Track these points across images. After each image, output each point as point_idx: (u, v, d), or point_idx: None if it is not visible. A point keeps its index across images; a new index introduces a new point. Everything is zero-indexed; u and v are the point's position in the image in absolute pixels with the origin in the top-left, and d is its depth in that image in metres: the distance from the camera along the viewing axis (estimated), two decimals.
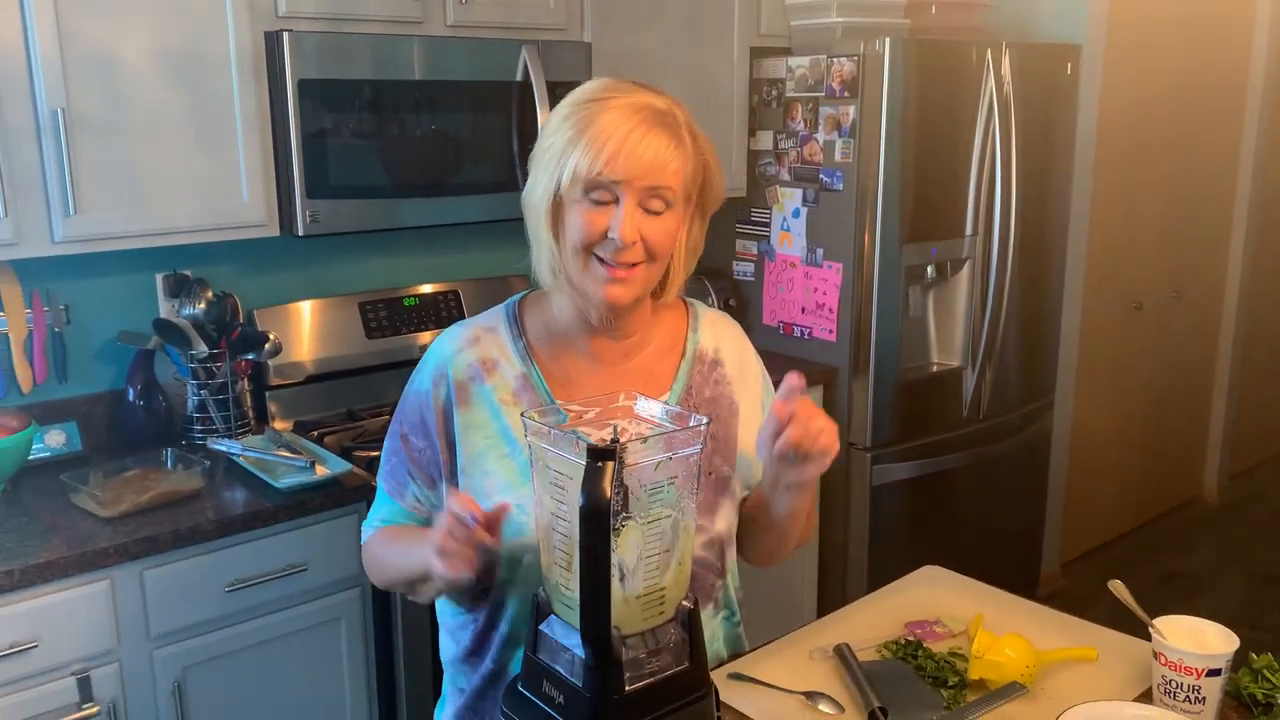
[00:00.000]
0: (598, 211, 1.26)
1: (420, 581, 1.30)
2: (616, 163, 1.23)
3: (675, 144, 1.27)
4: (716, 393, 1.43)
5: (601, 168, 1.24)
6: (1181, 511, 4.71)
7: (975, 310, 3.24)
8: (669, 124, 1.28)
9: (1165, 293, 4.32)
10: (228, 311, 2.45)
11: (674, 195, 1.28)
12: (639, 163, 1.24)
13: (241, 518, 2.03)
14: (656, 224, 1.28)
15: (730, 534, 1.42)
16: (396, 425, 1.42)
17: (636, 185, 1.25)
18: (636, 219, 1.26)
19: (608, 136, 1.24)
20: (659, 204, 1.27)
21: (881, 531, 3.17)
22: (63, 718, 1.88)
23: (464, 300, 2.86)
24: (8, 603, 1.81)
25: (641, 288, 1.31)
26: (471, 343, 1.39)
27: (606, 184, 1.25)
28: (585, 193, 1.26)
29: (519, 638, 1.33)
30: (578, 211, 1.27)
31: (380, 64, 2.34)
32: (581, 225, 1.27)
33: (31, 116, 1.99)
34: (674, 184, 1.27)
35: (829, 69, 2.99)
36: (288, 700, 2.17)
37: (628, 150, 1.24)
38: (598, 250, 1.28)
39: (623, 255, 1.26)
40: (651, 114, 1.27)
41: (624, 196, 1.25)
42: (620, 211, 1.25)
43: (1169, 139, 4.13)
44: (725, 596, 1.45)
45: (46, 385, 2.37)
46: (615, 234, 1.25)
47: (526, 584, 1.31)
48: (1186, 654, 1.28)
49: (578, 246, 1.28)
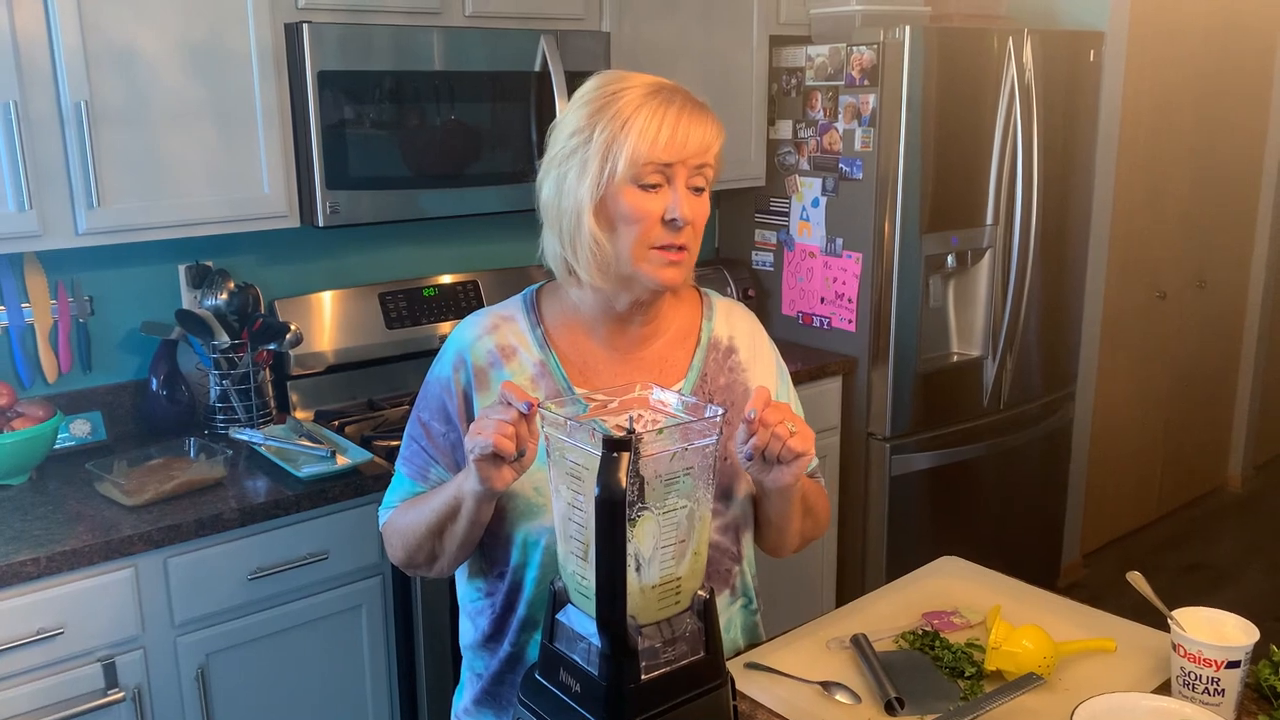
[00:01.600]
0: (651, 196, 1.29)
1: (449, 520, 1.32)
2: (673, 145, 1.26)
3: (716, 125, 1.31)
4: (731, 380, 1.45)
5: (663, 149, 1.26)
6: (1204, 502, 4.68)
7: (996, 300, 3.22)
8: (706, 108, 1.32)
9: (1189, 282, 4.29)
10: (249, 302, 2.47)
11: (713, 173, 1.33)
12: (691, 143, 1.28)
13: (263, 506, 2.05)
14: (700, 203, 1.32)
15: (746, 519, 1.43)
16: (417, 413, 1.44)
17: (689, 164, 1.29)
18: (690, 199, 1.30)
19: (662, 118, 1.27)
20: (702, 182, 1.32)
21: (901, 522, 3.16)
22: (88, 703, 1.91)
23: (483, 290, 2.87)
24: (34, 590, 1.83)
25: (689, 270, 1.35)
26: (490, 330, 1.41)
27: (659, 166, 1.27)
28: (635, 180, 1.28)
29: (536, 620, 1.36)
30: (629, 200, 1.28)
31: (399, 55, 2.35)
32: (639, 212, 1.28)
33: (55, 109, 2.01)
34: (713, 163, 1.32)
35: (848, 57, 2.97)
36: (309, 686, 2.20)
37: (681, 131, 1.27)
38: (654, 239, 1.29)
39: (680, 236, 1.30)
40: (683, 95, 1.31)
41: (675, 178, 1.28)
42: (675, 193, 1.29)
43: (1193, 127, 4.09)
44: (743, 583, 1.46)
45: (71, 375, 2.39)
46: (676, 214, 1.28)
47: (543, 566, 1.34)
48: (1205, 646, 1.28)
49: (636, 236, 1.29)
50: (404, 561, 1.44)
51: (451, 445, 1.40)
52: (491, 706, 1.44)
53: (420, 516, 1.37)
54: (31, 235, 2.03)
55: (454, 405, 1.39)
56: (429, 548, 1.38)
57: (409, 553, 1.41)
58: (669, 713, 1.08)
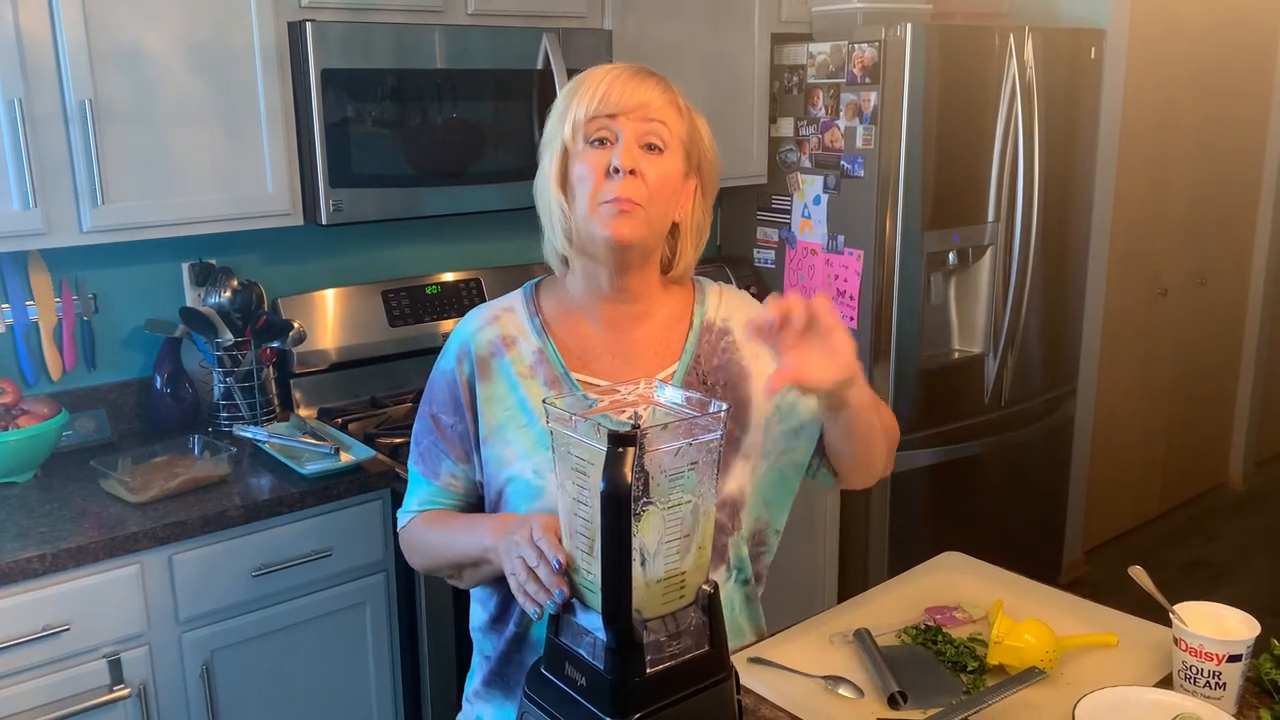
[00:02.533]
0: (600, 151, 1.34)
1: (470, 566, 1.36)
2: (610, 99, 1.33)
3: (663, 88, 1.36)
4: (724, 359, 1.47)
5: (597, 105, 1.33)
6: (1206, 499, 4.69)
7: (997, 296, 3.23)
8: (656, 75, 1.38)
9: (1190, 279, 4.29)
10: (253, 300, 2.48)
11: (668, 134, 1.35)
12: (631, 97, 1.33)
13: (267, 503, 2.06)
14: (655, 161, 1.34)
15: (743, 495, 1.44)
16: (425, 408, 1.47)
17: (633, 118, 1.33)
18: (635, 152, 1.33)
19: (599, 81, 1.35)
20: (656, 140, 1.34)
21: (903, 519, 3.16)
22: (94, 700, 1.92)
23: (485, 288, 2.88)
24: (40, 586, 1.84)
25: (642, 226, 1.35)
26: (491, 321, 1.45)
27: (604, 122, 1.33)
28: (587, 140, 1.34)
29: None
30: (582, 158, 1.35)
31: (402, 53, 2.35)
32: (589, 167, 1.34)
33: (60, 107, 2.02)
34: (667, 120, 1.35)
35: (850, 55, 2.98)
36: (314, 682, 2.21)
37: (619, 88, 1.34)
38: (603, 194, 1.33)
39: (624, 188, 1.32)
40: (638, 67, 1.38)
41: (622, 132, 1.33)
42: (620, 144, 1.33)
43: (1194, 124, 4.09)
44: (737, 556, 1.46)
45: (76, 373, 2.40)
46: (616, 161, 1.32)
47: None
48: (1207, 640, 1.28)
49: (589, 191, 1.34)
50: (423, 571, 1.50)
51: (460, 436, 1.43)
52: (500, 687, 1.47)
53: (445, 547, 1.41)
54: (36, 233, 2.03)
55: (461, 395, 1.42)
56: (448, 573, 1.43)
57: (429, 568, 1.47)
58: (674, 706, 1.08)
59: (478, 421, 1.41)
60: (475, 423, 1.42)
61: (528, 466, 1.36)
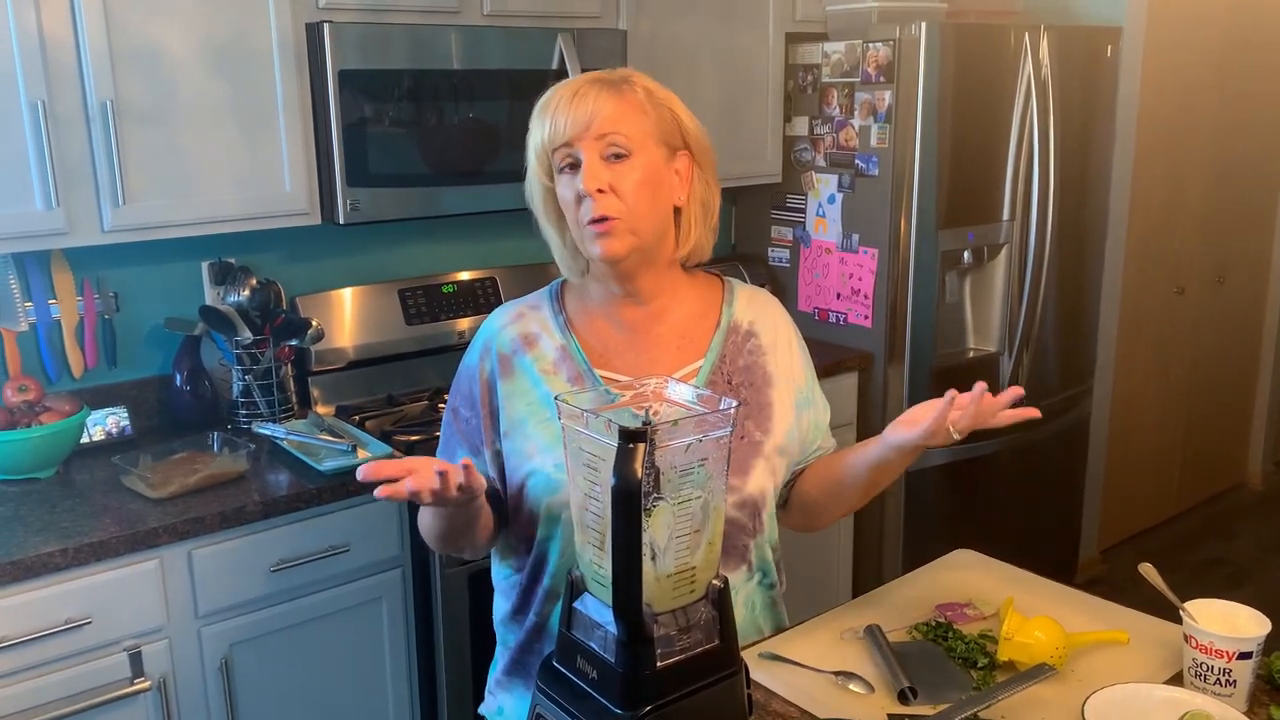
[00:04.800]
0: (572, 176, 1.36)
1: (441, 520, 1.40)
2: (560, 125, 1.35)
3: (614, 94, 1.36)
4: (750, 362, 1.49)
5: (551, 135, 1.35)
6: (1224, 498, 4.66)
7: (1012, 295, 3.22)
8: (609, 81, 1.38)
9: (1208, 278, 4.27)
10: (271, 298, 2.50)
11: (627, 140, 1.35)
12: (579, 117, 1.34)
13: (285, 500, 2.08)
14: (620, 169, 1.35)
15: (764, 497, 1.46)
16: (450, 399, 1.51)
17: (588, 139, 1.34)
18: (598, 170, 1.34)
19: (551, 108, 1.37)
20: (617, 149, 1.35)
21: (917, 518, 3.17)
22: (115, 692, 1.94)
23: (501, 287, 2.90)
24: (62, 580, 1.87)
25: (631, 237, 1.37)
26: (516, 319, 1.49)
27: (565, 149, 1.35)
28: (557, 168, 1.37)
29: (559, 591, 1.42)
30: (559, 186, 1.38)
31: (418, 54, 2.37)
32: (565, 195, 1.37)
33: (81, 108, 2.05)
34: (621, 129, 1.35)
35: (865, 54, 2.98)
36: (331, 676, 2.23)
37: (564, 113, 1.35)
38: (581, 218, 1.36)
39: (595, 208, 1.34)
40: (591, 79, 1.38)
41: (582, 154, 1.35)
42: (583, 167, 1.35)
43: (1212, 122, 4.07)
44: (760, 558, 1.49)
45: (97, 370, 2.43)
46: (578, 186, 1.35)
47: (565, 539, 1.41)
48: (1217, 637, 1.29)
49: (573, 218, 1.38)
50: (437, 549, 1.53)
51: (473, 430, 1.47)
52: (520, 676, 1.50)
53: (429, 518, 1.44)
54: (58, 233, 2.06)
55: (478, 391, 1.46)
56: (449, 543, 1.46)
57: (437, 545, 1.50)
58: (684, 699, 1.10)
59: (495, 417, 1.45)
60: (492, 418, 1.45)
61: (549, 460, 1.40)
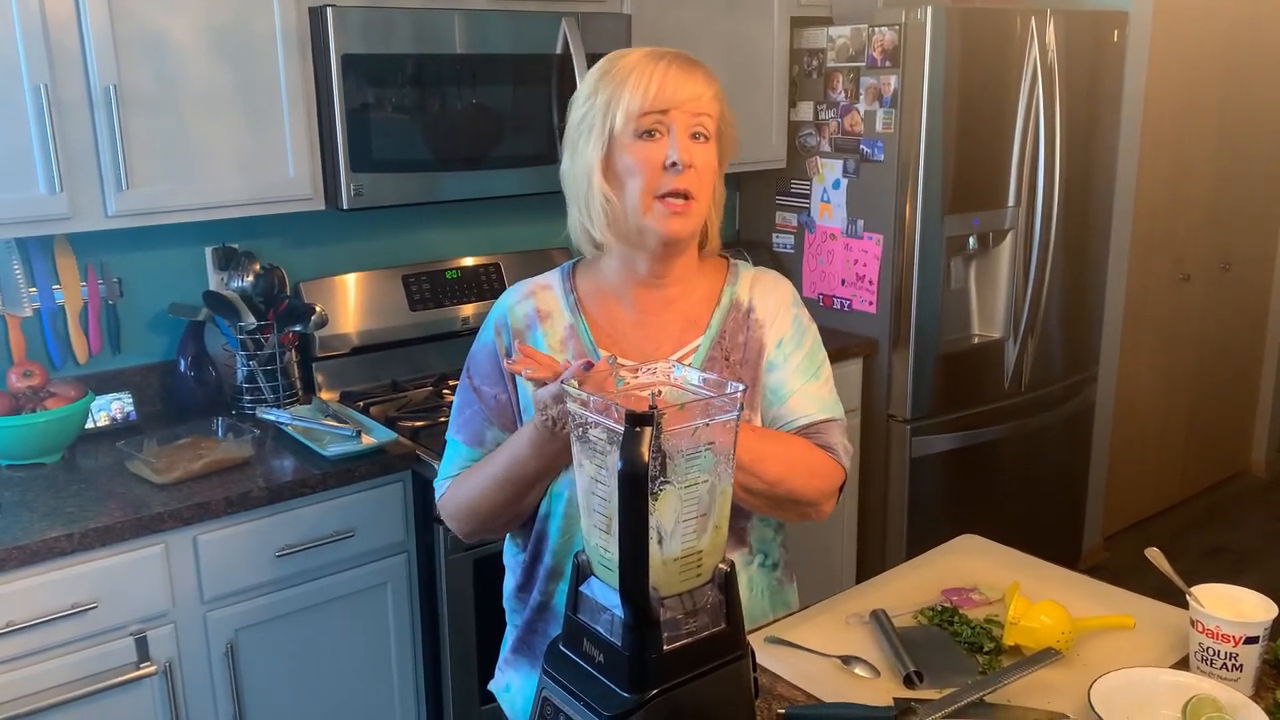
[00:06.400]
0: (650, 144, 1.35)
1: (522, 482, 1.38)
2: (664, 93, 1.34)
3: (709, 79, 1.39)
4: (747, 337, 1.50)
5: (653, 99, 1.33)
6: (1228, 485, 4.66)
7: (1018, 281, 3.21)
8: (702, 65, 1.40)
9: (1214, 264, 4.26)
10: (275, 284, 2.50)
11: (713, 125, 1.38)
12: (684, 89, 1.35)
13: (290, 485, 2.08)
14: (703, 150, 1.37)
15: None
16: (467, 380, 1.50)
17: (686, 110, 1.35)
18: (689, 144, 1.35)
19: (652, 73, 1.34)
20: (704, 130, 1.37)
21: (921, 505, 3.17)
22: (121, 676, 1.95)
23: (505, 272, 2.89)
24: (68, 565, 1.87)
25: (696, 221, 1.40)
26: (528, 296, 1.50)
27: (656, 116, 1.34)
28: (637, 134, 1.35)
29: (561, 570, 1.43)
30: (633, 152, 1.36)
31: (422, 38, 2.36)
32: (641, 161, 1.35)
33: (85, 93, 2.04)
34: (713, 112, 1.37)
35: (870, 38, 2.97)
36: (336, 661, 2.23)
37: (672, 80, 1.34)
38: (660, 187, 1.35)
39: (681, 181, 1.35)
40: (675, 53, 1.39)
41: (674, 124, 1.35)
42: (673, 137, 1.34)
43: (1218, 108, 4.05)
44: (759, 539, 1.49)
45: (101, 356, 2.43)
46: (676, 156, 1.34)
47: (566, 517, 1.42)
48: (1223, 621, 1.29)
49: (641, 185, 1.36)
50: (470, 527, 1.48)
51: (504, 405, 1.46)
52: (526, 655, 1.52)
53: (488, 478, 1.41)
54: (62, 218, 2.06)
55: (503, 366, 1.46)
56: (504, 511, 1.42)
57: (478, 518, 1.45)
58: (690, 683, 1.10)
59: (518, 391, 1.45)
60: (516, 392, 1.46)
61: None
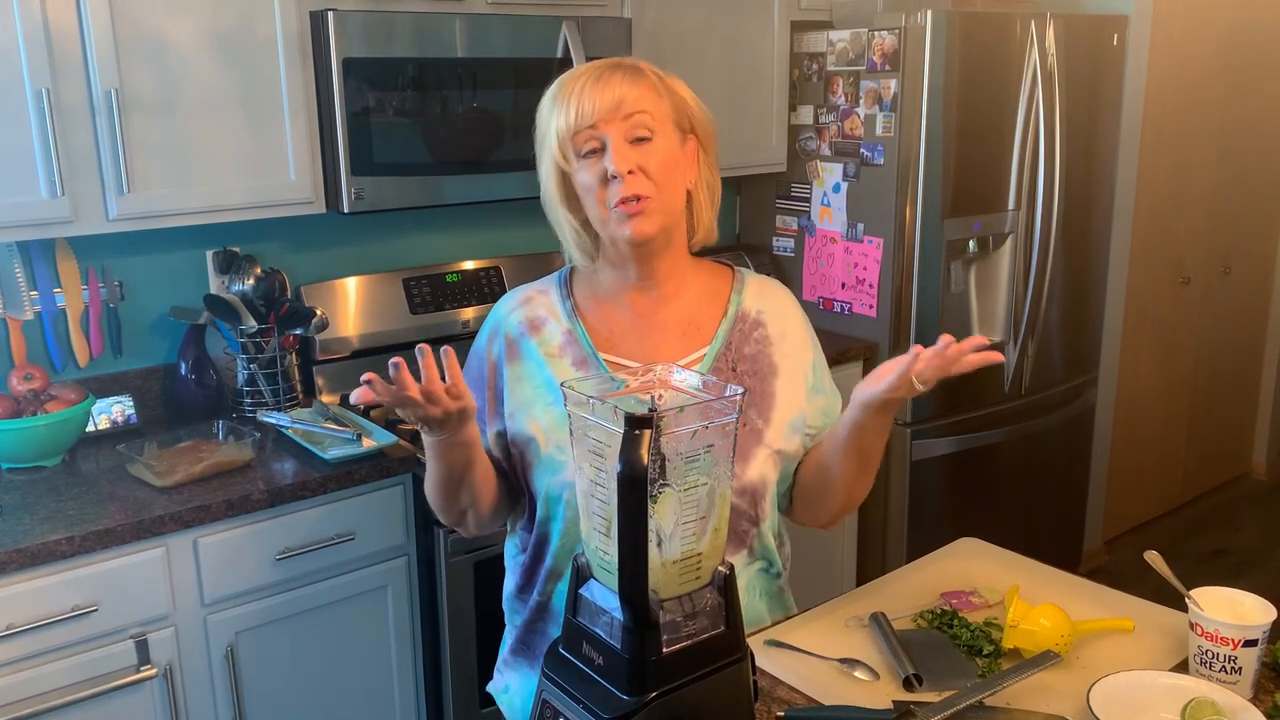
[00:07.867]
0: (594, 160, 1.36)
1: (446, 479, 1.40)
2: (587, 108, 1.35)
3: (633, 78, 1.38)
4: (756, 350, 1.50)
5: (575, 119, 1.35)
6: (1229, 488, 4.66)
7: (1018, 285, 3.22)
8: (623, 67, 1.39)
9: (1214, 268, 4.26)
10: (276, 287, 2.50)
11: (652, 120, 1.37)
12: (603, 100, 1.35)
13: (291, 488, 2.09)
14: (648, 150, 1.37)
15: (764, 484, 1.46)
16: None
17: (614, 121, 1.35)
18: (625, 152, 1.35)
19: (569, 93, 1.37)
20: (642, 131, 1.36)
21: (922, 508, 3.17)
22: (122, 679, 1.95)
23: (505, 276, 2.89)
24: (69, 568, 1.87)
25: (658, 218, 1.39)
26: (524, 303, 1.51)
27: (588, 133, 1.35)
28: (577, 153, 1.37)
29: (561, 571, 1.44)
30: (580, 172, 1.38)
31: (423, 42, 2.36)
32: (587, 178, 1.37)
33: (86, 97, 2.04)
34: (646, 108, 1.37)
35: (870, 42, 2.97)
36: (336, 664, 2.23)
37: (589, 95, 1.35)
38: (609, 199, 1.37)
39: (626, 188, 1.35)
40: (606, 64, 1.39)
41: (609, 136, 1.35)
42: (609, 150, 1.35)
43: (1218, 111, 4.05)
44: (761, 545, 1.49)
45: (102, 359, 2.43)
46: (610, 167, 1.35)
47: (567, 520, 1.42)
48: (1223, 624, 1.29)
49: (595, 200, 1.38)
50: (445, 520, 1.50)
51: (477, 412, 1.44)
52: (525, 656, 1.52)
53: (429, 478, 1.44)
54: (63, 221, 2.06)
55: (485, 373, 1.49)
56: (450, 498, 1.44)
57: (440, 512, 1.48)
58: (690, 685, 1.10)
59: (499, 400, 1.47)
60: (495, 401, 1.47)
61: (551, 443, 1.41)
